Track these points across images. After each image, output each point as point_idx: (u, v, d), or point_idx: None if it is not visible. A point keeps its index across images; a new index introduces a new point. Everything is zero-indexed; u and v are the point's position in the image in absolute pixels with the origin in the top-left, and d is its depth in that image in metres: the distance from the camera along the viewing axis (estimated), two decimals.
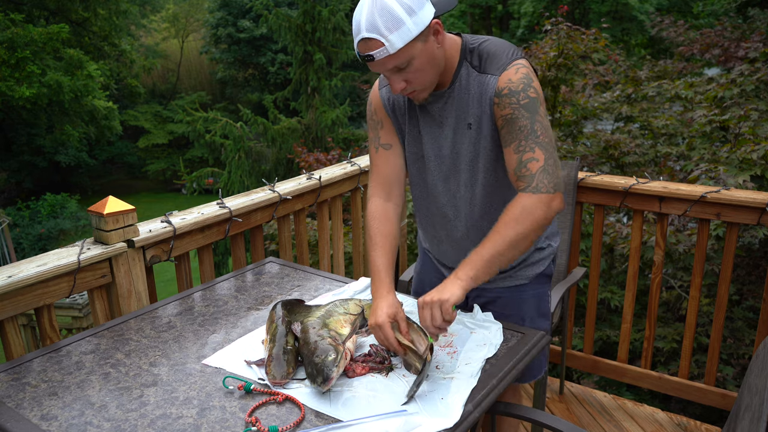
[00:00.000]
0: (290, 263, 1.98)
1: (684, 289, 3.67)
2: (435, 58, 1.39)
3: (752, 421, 1.08)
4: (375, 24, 1.28)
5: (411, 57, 1.33)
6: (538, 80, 1.45)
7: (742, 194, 2.21)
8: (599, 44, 4.65)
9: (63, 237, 14.15)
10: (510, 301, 1.67)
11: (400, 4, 1.28)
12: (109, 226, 1.71)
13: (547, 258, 1.67)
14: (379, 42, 1.29)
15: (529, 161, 1.39)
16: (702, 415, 3.21)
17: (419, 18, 1.30)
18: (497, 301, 1.68)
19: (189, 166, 17.00)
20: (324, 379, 1.21)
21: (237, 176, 8.83)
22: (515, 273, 1.65)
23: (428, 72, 1.39)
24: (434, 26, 1.36)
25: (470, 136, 1.48)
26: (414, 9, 1.29)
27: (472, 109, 1.46)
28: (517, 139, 1.40)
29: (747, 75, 4.04)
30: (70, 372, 1.34)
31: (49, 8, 16.94)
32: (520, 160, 1.40)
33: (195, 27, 24.62)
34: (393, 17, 1.28)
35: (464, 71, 1.46)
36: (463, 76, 1.46)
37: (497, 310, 1.64)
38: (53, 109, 15.62)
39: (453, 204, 1.58)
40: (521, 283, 1.66)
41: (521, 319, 1.67)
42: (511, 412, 1.47)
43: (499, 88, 1.40)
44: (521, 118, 1.39)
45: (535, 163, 1.39)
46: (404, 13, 1.28)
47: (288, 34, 10.34)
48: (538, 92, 1.41)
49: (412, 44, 1.31)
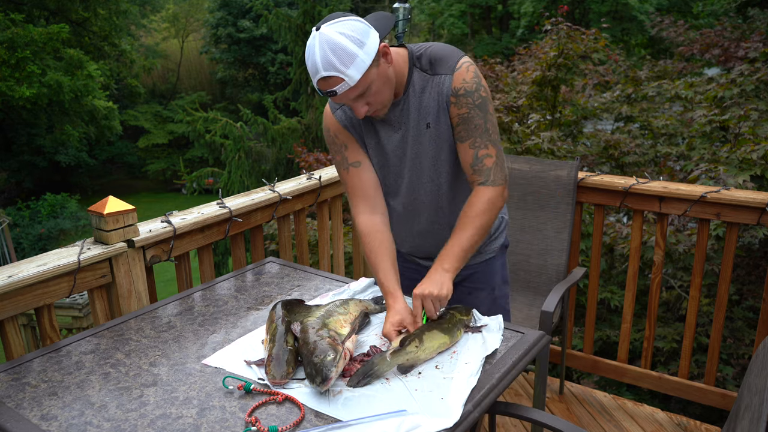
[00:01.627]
0: (290, 263, 1.98)
1: (684, 289, 3.67)
2: (389, 78, 1.50)
3: (752, 421, 1.08)
4: (331, 62, 1.37)
5: (369, 83, 1.44)
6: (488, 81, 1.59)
7: (742, 194, 2.21)
8: (599, 44, 4.65)
9: (63, 237, 14.15)
10: (482, 275, 1.83)
11: (349, 39, 1.37)
12: (109, 226, 1.71)
13: (504, 229, 1.86)
14: (339, 78, 1.39)
15: (485, 157, 1.56)
16: (702, 415, 3.21)
17: (368, 47, 1.40)
18: (471, 277, 1.82)
19: (189, 166, 17.00)
20: (323, 379, 1.21)
21: (237, 176, 8.82)
22: (485, 248, 1.81)
23: (385, 91, 1.50)
24: (383, 50, 1.46)
25: (430, 135, 1.59)
26: (362, 40, 1.39)
27: (429, 109, 1.57)
28: (473, 136, 1.55)
29: (747, 75, 4.04)
30: (70, 372, 1.34)
31: (49, 8, 16.93)
32: (476, 156, 1.56)
33: (195, 27, 24.61)
34: (346, 53, 1.37)
35: (416, 76, 1.57)
36: (416, 81, 1.57)
37: (471, 285, 1.83)
38: (53, 109, 15.61)
39: (420, 200, 1.69)
40: (491, 256, 1.83)
41: (492, 288, 1.84)
42: (511, 412, 1.47)
43: (455, 88, 1.53)
44: (476, 117, 1.54)
45: (489, 159, 1.56)
46: (355, 46, 1.38)
47: (288, 34, 10.33)
48: (487, 90, 1.57)
49: (368, 72, 1.42)
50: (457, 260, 1.51)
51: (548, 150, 3.94)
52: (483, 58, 6.09)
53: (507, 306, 1.92)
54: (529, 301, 2.54)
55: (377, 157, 1.68)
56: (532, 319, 2.39)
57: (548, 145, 3.93)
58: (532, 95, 4.71)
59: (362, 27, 1.40)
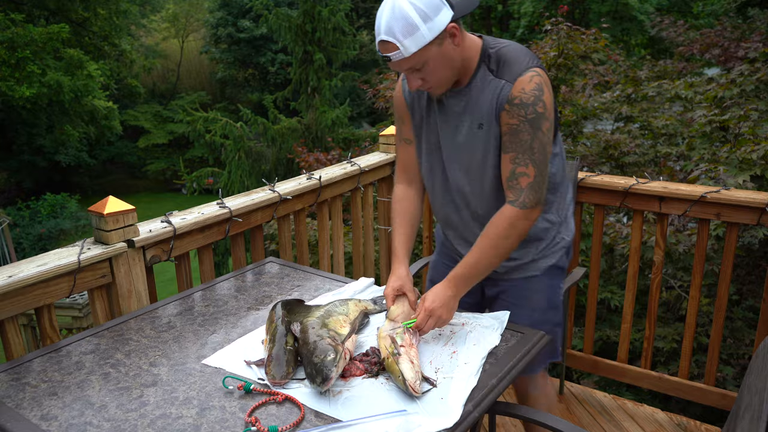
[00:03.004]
0: (290, 263, 1.98)
1: (684, 289, 3.67)
2: (450, 60, 1.45)
3: (752, 421, 1.08)
4: (392, 28, 1.36)
5: (426, 59, 1.41)
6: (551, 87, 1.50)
7: (742, 194, 2.20)
8: (599, 44, 4.65)
9: (63, 237, 14.16)
10: (521, 292, 1.72)
11: (416, 11, 1.35)
12: (109, 226, 1.71)
13: (560, 250, 1.72)
14: (395, 45, 1.37)
15: (521, 175, 1.50)
16: (702, 415, 3.21)
17: (434, 24, 1.37)
18: (509, 291, 1.73)
19: (189, 166, 16.97)
20: (323, 379, 1.21)
21: (237, 176, 8.82)
22: (528, 265, 1.70)
23: (443, 72, 1.46)
24: (450, 30, 1.41)
25: (481, 136, 1.54)
26: (429, 15, 1.36)
27: (485, 111, 1.51)
28: (515, 150, 1.49)
29: (747, 75, 4.04)
30: (70, 372, 1.34)
31: (49, 8, 16.93)
32: (513, 171, 1.50)
33: (195, 27, 24.61)
34: (408, 23, 1.35)
35: (481, 73, 1.51)
36: (480, 77, 1.51)
37: (509, 300, 1.72)
38: (53, 109, 15.62)
39: (462, 195, 1.65)
40: (533, 275, 1.71)
41: (532, 310, 1.70)
42: (511, 412, 1.47)
43: (512, 96, 1.46)
44: (524, 132, 1.46)
45: (525, 178, 1.49)
46: (419, 19, 1.35)
47: (288, 34, 10.33)
48: (547, 106, 1.46)
49: (427, 48, 1.39)
50: (466, 285, 1.51)
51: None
52: None
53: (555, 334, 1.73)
54: None
55: (431, 138, 1.65)
56: None
57: None
58: None
59: (434, 1, 1.37)
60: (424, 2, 1.36)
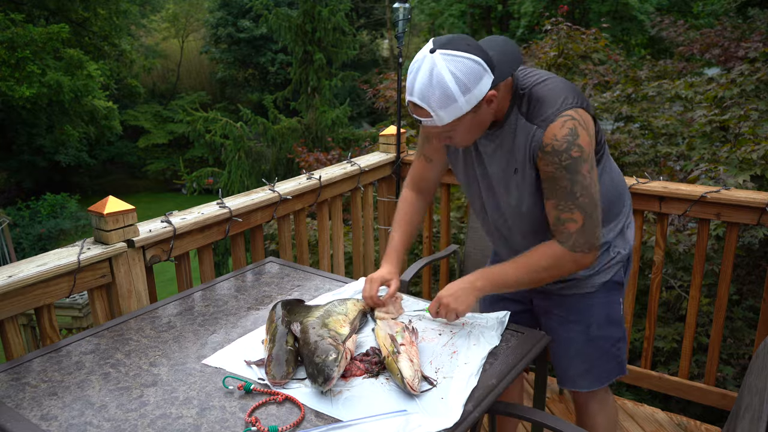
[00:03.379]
0: (290, 263, 1.98)
1: (684, 289, 3.67)
2: (483, 123, 1.40)
3: (752, 421, 1.08)
4: (426, 96, 1.28)
5: (458, 125, 1.35)
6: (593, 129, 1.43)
7: (742, 194, 2.20)
8: (599, 44, 4.65)
9: (63, 237, 14.15)
10: (576, 308, 1.65)
11: (456, 83, 1.26)
12: (109, 225, 1.71)
13: (616, 265, 1.63)
14: (428, 112, 1.30)
15: (567, 221, 1.41)
16: (702, 415, 3.21)
17: (473, 95, 1.29)
18: (563, 306, 1.66)
19: (189, 166, 16.97)
20: (325, 379, 1.21)
21: (237, 176, 8.82)
22: (581, 282, 1.62)
23: (473, 134, 1.42)
24: (489, 97, 1.33)
25: (516, 180, 1.48)
26: (469, 87, 1.27)
27: (518, 156, 1.44)
28: (557, 197, 1.41)
29: (747, 75, 4.04)
30: (70, 372, 1.34)
31: (49, 8, 16.92)
32: (558, 218, 1.42)
33: (195, 27, 24.61)
34: (446, 95, 1.27)
35: (513, 116, 1.43)
36: (512, 121, 1.43)
37: (563, 315, 1.66)
38: (53, 109, 15.61)
39: (500, 231, 1.64)
40: (588, 292, 1.63)
41: (587, 326, 1.64)
42: (511, 412, 1.47)
43: (544, 144, 1.37)
44: (562, 179, 1.38)
45: (572, 224, 1.41)
46: (458, 91, 1.27)
47: (288, 34, 10.33)
48: (583, 149, 1.36)
49: (462, 117, 1.32)
50: (493, 287, 1.48)
51: None
52: None
53: (616, 351, 1.67)
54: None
55: (468, 174, 1.60)
56: None
57: None
58: None
59: (477, 70, 1.27)
60: (466, 72, 1.26)
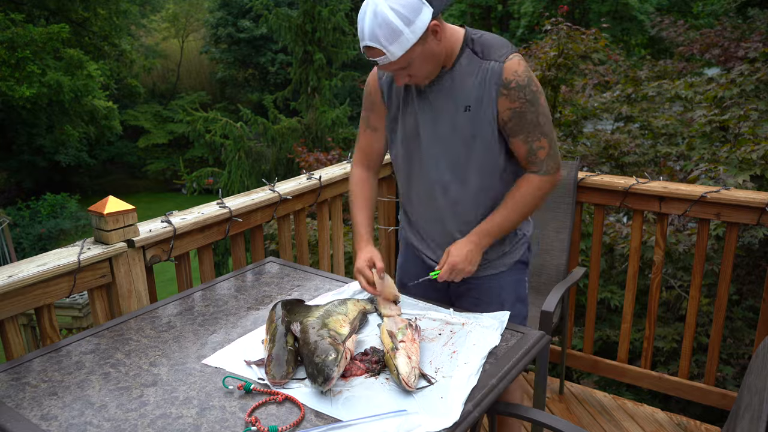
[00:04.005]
0: (290, 263, 1.98)
1: (684, 289, 3.67)
2: (435, 54, 1.50)
3: (752, 421, 1.08)
4: (376, 35, 1.40)
5: (411, 59, 1.46)
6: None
7: (741, 194, 2.21)
8: (599, 44, 4.65)
9: (63, 237, 14.16)
10: (489, 288, 1.78)
11: (397, 16, 1.38)
12: (109, 225, 1.71)
13: (522, 245, 1.78)
14: (381, 51, 1.42)
15: (538, 149, 1.58)
16: (702, 415, 3.21)
17: (416, 26, 1.41)
18: (477, 288, 1.79)
19: (189, 166, 16.97)
20: (325, 379, 1.21)
21: (237, 176, 8.82)
22: (494, 262, 1.76)
23: (429, 66, 1.51)
24: (433, 27, 1.45)
25: (467, 118, 1.57)
26: (411, 18, 1.40)
27: (473, 93, 1.55)
28: (525, 131, 1.56)
29: (747, 75, 4.04)
30: (70, 372, 1.34)
31: (49, 8, 16.93)
32: (530, 149, 1.58)
33: (195, 27, 24.61)
34: (392, 29, 1.39)
35: (465, 57, 1.56)
36: (464, 61, 1.55)
37: (477, 296, 1.78)
38: (53, 109, 15.62)
39: (442, 185, 1.66)
40: (500, 271, 1.77)
41: (500, 306, 1.75)
42: (511, 412, 1.47)
43: (507, 80, 1.51)
44: (528, 112, 1.54)
45: (542, 150, 1.59)
46: (402, 24, 1.39)
47: (288, 34, 10.34)
48: (538, 85, 1.56)
49: (411, 49, 1.43)
50: (490, 237, 1.62)
51: None
52: None
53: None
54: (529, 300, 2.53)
55: (408, 128, 1.66)
56: (532, 319, 2.39)
57: None
58: None
59: (415, 3, 1.40)
60: (404, 5, 1.39)
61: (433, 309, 1.60)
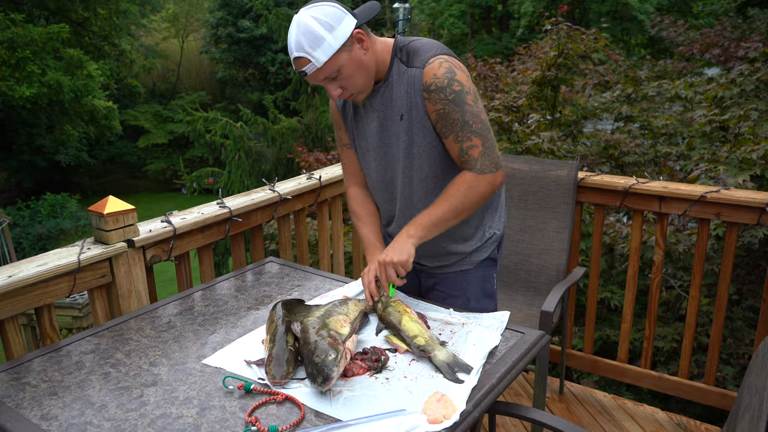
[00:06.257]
0: (290, 263, 1.98)
1: (684, 289, 3.67)
2: (363, 64, 1.53)
3: (752, 421, 1.08)
4: (300, 43, 1.45)
5: (339, 67, 1.48)
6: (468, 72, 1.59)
7: (741, 194, 2.21)
8: (599, 44, 4.65)
9: (63, 237, 14.16)
10: (455, 283, 1.82)
11: (319, 23, 1.44)
12: (109, 225, 1.71)
13: (492, 244, 1.81)
14: (307, 59, 1.45)
15: (470, 149, 1.57)
16: (702, 415, 3.21)
17: (339, 32, 1.45)
18: (444, 283, 1.83)
19: (189, 166, 16.98)
20: (324, 379, 1.21)
21: (237, 176, 8.81)
22: (461, 260, 1.79)
23: (359, 77, 1.53)
24: (357, 36, 1.49)
25: (403, 126, 1.61)
26: (333, 25, 1.45)
27: (403, 101, 1.59)
28: (453, 131, 1.56)
29: (747, 75, 4.04)
30: (70, 372, 1.35)
31: (49, 8, 16.93)
32: (461, 149, 1.58)
33: (195, 27, 24.62)
34: (314, 36, 1.43)
35: (395, 67, 1.60)
36: (395, 71, 1.60)
37: (443, 290, 1.83)
38: (53, 109, 15.62)
39: (392, 190, 1.73)
40: (467, 269, 1.80)
41: (467, 300, 1.81)
42: (511, 411, 1.47)
43: (427, 84, 1.53)
44: (452, 112, 1.54)
45: (475, 149, 1.57)
46: (323, 30, 1.44)
47: None
48: (463, 83, 1.54)
49: (337, 56, 1.46)
50: (423, 229, 1.57)
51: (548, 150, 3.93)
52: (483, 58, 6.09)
53: None
54: (529, 301, 2.54)
55: (360, 141, 1.73)
56: (532, 318, 2.39)
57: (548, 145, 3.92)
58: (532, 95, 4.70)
59: (336, 12, 1.45)
60: (326, 14, 1.44)
61: (433, 309, 1.60)
